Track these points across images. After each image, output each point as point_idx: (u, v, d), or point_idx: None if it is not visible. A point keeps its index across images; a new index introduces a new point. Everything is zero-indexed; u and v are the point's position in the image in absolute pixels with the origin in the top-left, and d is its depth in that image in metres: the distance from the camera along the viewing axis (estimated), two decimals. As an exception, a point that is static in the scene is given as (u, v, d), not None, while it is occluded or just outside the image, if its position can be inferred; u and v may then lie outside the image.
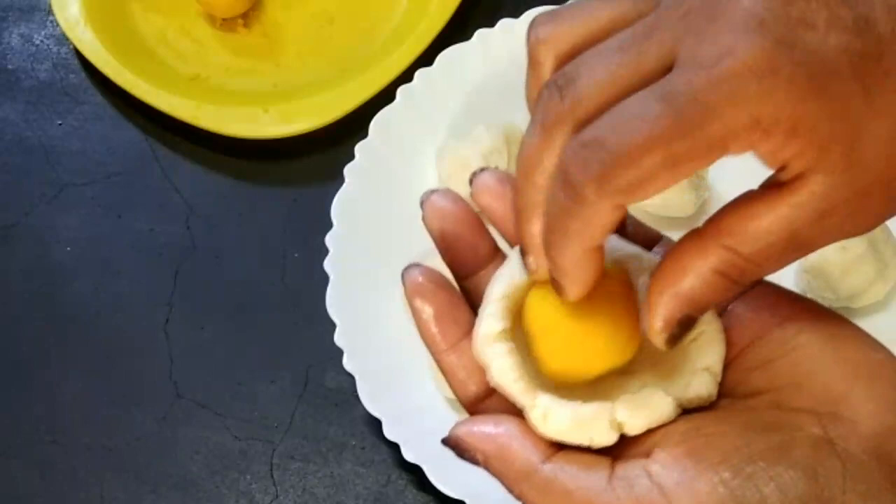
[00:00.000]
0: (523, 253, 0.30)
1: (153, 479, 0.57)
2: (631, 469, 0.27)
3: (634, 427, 0.28)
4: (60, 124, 0.69)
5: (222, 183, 0.66)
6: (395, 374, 0.55)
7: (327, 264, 0.57)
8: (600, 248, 0.28)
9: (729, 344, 0.29)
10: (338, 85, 0.65)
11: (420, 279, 0.31)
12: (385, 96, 0.63)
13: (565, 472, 0.28)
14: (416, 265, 0.31)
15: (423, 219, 0.32)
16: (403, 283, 0.31)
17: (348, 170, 0.60)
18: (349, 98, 0.64)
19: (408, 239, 0.60)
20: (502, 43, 0.64)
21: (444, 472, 0.52)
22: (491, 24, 0.64)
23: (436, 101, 0.63)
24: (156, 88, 0.66)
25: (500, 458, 0.29)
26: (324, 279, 0.57)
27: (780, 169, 0.26)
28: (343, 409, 0.57)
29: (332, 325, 0.56)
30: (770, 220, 0.26)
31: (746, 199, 0.27)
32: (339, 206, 0.59)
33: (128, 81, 0.66)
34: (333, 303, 0.56)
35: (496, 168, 0.32)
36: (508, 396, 0.29)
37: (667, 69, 0.25)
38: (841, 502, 0.26)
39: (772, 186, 0.26)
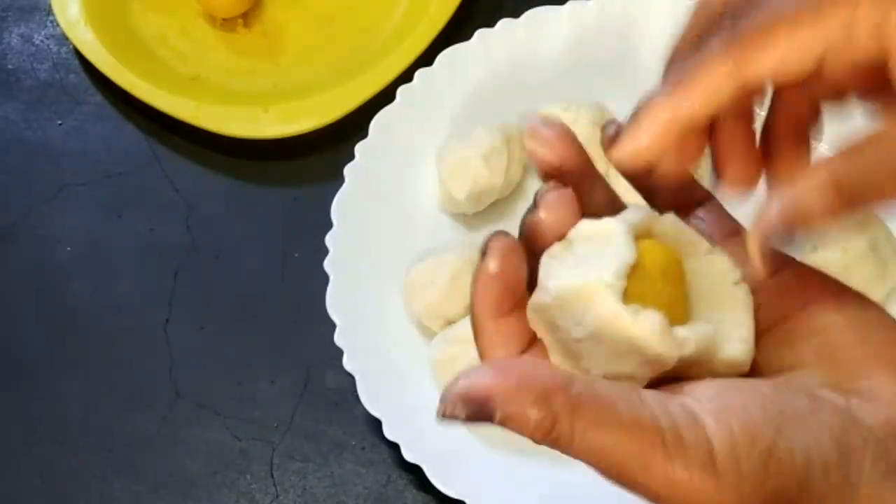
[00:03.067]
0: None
1: (153, 479, 0.57)
2: (661, 396, 0.27)
3: (688, 343, 0.28)
4: (60, 124, 0.69)
5: (222, 183, 0.66)
6: (395, 374, 0.56)
7: (327, 264, 0.57)
8: (681, 128, 0.29)
9: (757, 322, 0.30)
10: (338, 85, 0.65)
11: (502, 245, 0.30)
12: (385, 96, 0.63)
13: (598, 384, 0.27)
14: (503, 233, 0.31)
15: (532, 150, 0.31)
16: (485, 246, 0.30)
17: (348, 170, 0.60)
18: (349, 98, 0.64)
19: (408, 239, 0.60)
20: (502, 43, 0.64)
21: (444, 472, 0.52)
22: (491, 24, 0.64)
23: (436, 101, 0.63)
24: (156, 88, 0.66)
25: (525, 386, 0.26)
26: (324, 279, 0.57)
27: None
28: (343, 409, 0.57)
29: (332, 325, 0.56)
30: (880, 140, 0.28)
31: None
32: (339, 206, 0.59)
33: (128, 81, 0.66)
34: (333, 303, 0.56)
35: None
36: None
37: None
38: (860, 475, 0.26)
39: None
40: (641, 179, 0.32)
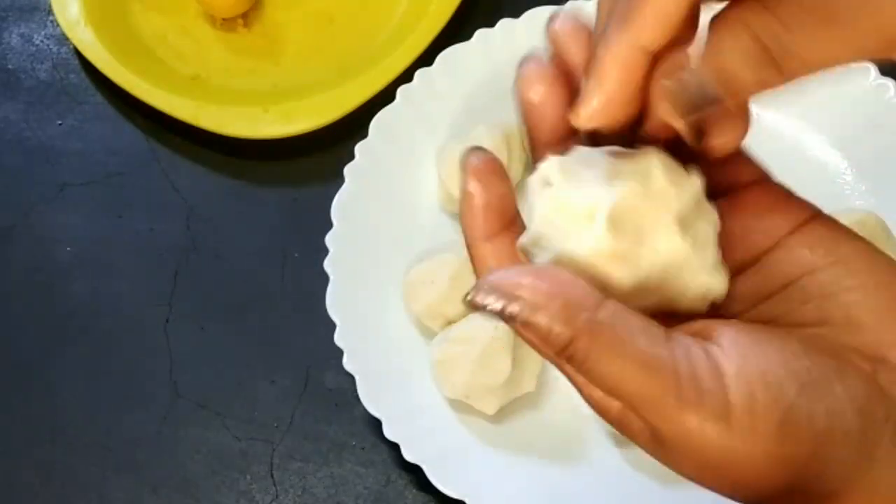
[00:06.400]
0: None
1: (153, 479, 0.57)
2: (686, 340, 0.27)
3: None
4: (60, 124, 0.69)
5: (222, 183, 0.66)
6: (395, 374, 0.56)
7: (327, 264, 0.57)
8: (645, 59, 0.27)
9: (780, 275, 0.29)
10: (338, 85, 0.65)
11: (479, 163, 0.30)
12: (385, 96, 0.63)
13: (627, 313, 0.26)
14: (479, 149, 0.30)
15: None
16: (462, 166, 0.30)
17: (348, 170, 0.60)
18: (349, 98, 0.64)
19: (408, 239, 0.60)
20: (502, 43, 0.64)
21: (444, 472, 0.52)
22: (491, 24, 0.64)
23: (436, 101, 0.63)
24: (156, 88, 0.66)
25: (555, 294, 0.26)
26: (324, 279, 0.57)
27: None
28: (343, 409, 0.57)
29: (332, 325, 0.56)
30: None
31: None
32: (339, 206, 0.59)
33: (128, 81, 0.66)
34: (333, 303, 0.56)
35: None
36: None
37: None
38: (878, 448, 0.26)
39: None
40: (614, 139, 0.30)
